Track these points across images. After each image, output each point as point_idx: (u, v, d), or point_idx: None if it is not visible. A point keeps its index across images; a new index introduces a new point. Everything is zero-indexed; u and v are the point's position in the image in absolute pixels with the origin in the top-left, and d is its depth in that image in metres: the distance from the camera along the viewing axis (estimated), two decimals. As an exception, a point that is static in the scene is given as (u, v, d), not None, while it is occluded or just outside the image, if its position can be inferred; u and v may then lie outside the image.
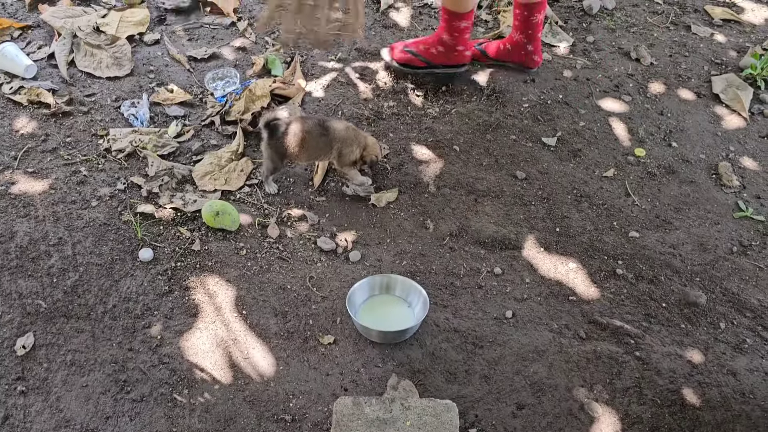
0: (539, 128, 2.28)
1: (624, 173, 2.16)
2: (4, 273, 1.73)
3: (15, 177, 1.97)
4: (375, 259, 1.85)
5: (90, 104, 2.22)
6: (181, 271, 1.77)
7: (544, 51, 2.60)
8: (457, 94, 2.39)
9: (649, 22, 2.82)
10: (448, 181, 2.08)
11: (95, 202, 1.92)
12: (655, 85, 2.51)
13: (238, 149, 2.06)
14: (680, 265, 1.90)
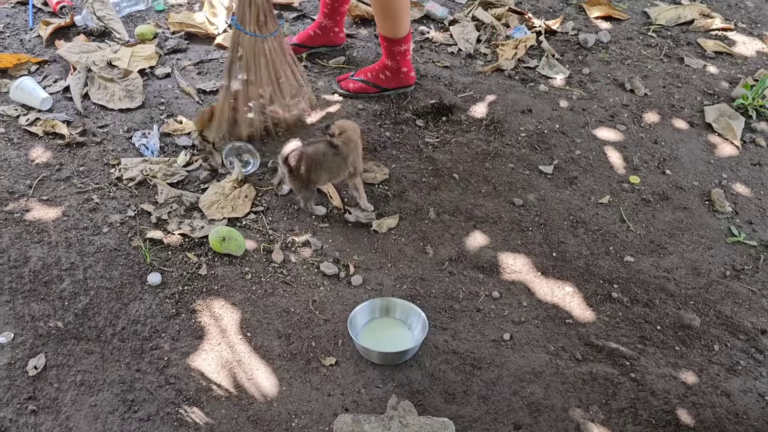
0: (536, 157, 2.35)
1: (619, 200, 2.22)
2: (18, 296, 1.79)
3: (30, 204, 2.04)
4: (376, 283, 1.90)
5: (102, 135, 2.31)
6: (188, 294, 1.83)
7: (541, 83, 2.69)
8: (457, 124, 2.47)
9: (643, 55, 2.91)
10: (447, 207, 2.14)
11: (106, 228, 1.99)
12: (649, 115, 2.58)
13: (239, 177, 2.13)
14: (674, 289, 1.94)
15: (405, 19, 2.34)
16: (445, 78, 2.68)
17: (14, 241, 1.93)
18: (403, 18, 2.33)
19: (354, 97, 2.52)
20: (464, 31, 2.93)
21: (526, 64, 2.79)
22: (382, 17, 2.35)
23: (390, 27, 2.34)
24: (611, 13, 3.16)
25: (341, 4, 2.60)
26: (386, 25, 2.35)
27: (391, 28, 2.34)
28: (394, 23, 2.33)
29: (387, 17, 2.33)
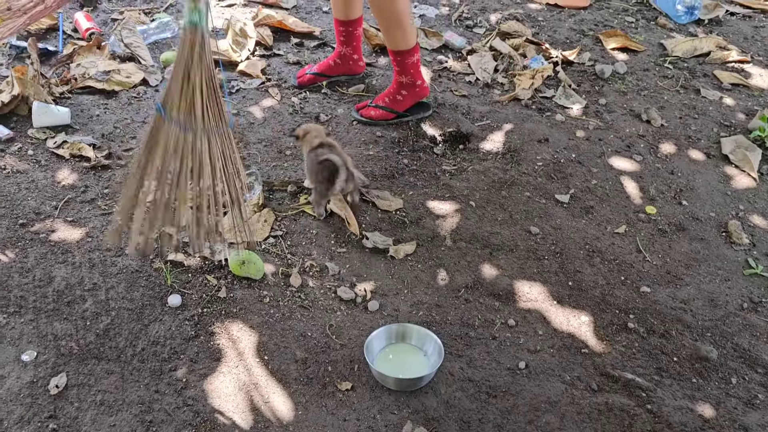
0: (553, 186, 2.37)
1: (635, 230, 2.23)
2: (42, 316, 1.82)
3: (55, 225, 2.09)
4: (392, 309, 1.92)
5: (127, 158, 2.36)
6: (207, 316, 1.86)
7: (557, 112, 2.72)
8: (474, 152, 2.50)
9: (660, 86, 2.94)
10: (464, 235, 2.16)
11: (130, 250, 2.03)
12: (665, 146, 2.60)
13: (259, 201, 2.17)
14: (691, 320, 1.94)
15: (410, 27, 2.42)
16: (462, 107, 2.72)
17: (39, 261, 1.98)
18: (408, 26, 2.40)
19: (373, 124, 2.56)
20: (482, 61, 2.97)
21: (543, 93, 2.82)
22: (388, 29, 2.42)
23: (400, 38, 2.41)
24: (627, 45, 3.19)
25: (354, 28, 2.66)
26: (395, 37, 2.42)
27: (400, 38, 2.41)
28: (402, 33, 2.40)
29: (393, 28, 2.39)
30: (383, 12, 2.37)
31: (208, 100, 1.60)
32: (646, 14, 3.52)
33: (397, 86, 2.54)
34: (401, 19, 2.36)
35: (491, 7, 3.47)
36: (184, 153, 1.62)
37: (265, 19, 3.12)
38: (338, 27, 2.65)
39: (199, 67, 1.57)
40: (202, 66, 1.57)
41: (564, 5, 3.53)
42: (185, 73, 1.57)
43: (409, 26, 2.42)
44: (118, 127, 2.50)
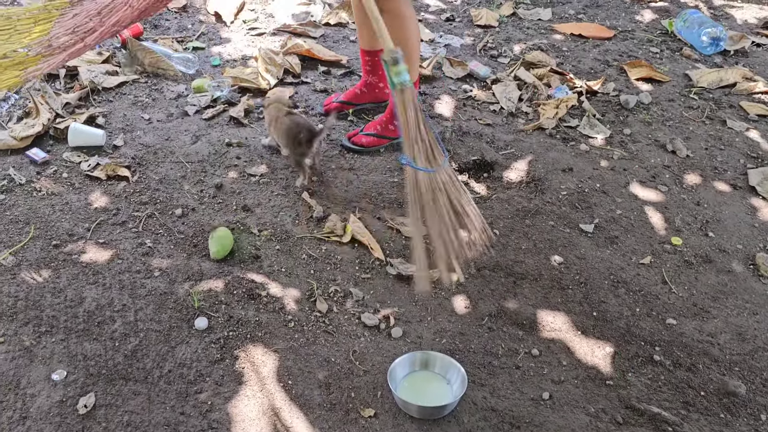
0: (577, 215, 2.37)
1: (661, 261, 2.22)
2: (72, 336, 1.86)
3: (87, 247, 2.14)
4: (416, 336, 1.92)
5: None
6: (233, 340, 1.88)
7: (582, 142, 2.73)
8: (498, 181, 2.52)
9: (685, 117, 2.94)
10: (487, 263, 2.16)
11: (158, 272, 2.07)
12: (691, 177, 2.59)
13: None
14: (719, 354, 1.92)
15: (416, 64, 2.50)
16: (487, 135, 2.74)
17: (71, 282, 2.02)
18: (415, 62, 2.48)
19: (366, 152, 2.59)
20: (506, 90, 3.00)
21: (568, 123, 2.84)
22: None
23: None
24: (652, 75, 3.20)
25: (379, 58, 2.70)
26: None
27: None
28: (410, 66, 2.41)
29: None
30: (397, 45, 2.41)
31: (432, 143, 1.86)
32: (671, 45, 3.53)
33: (391, 116, 2.61)
34: (409, 55, 2.40)
35: (516, 37, 3.51)
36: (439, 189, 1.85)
37: (293, 48, 3.19)
38: (364, 57, 2.70)
39: (421, 118, 1.83)
40: (419, 116, 1.83)
41: (588, 36, 3.55)
42: (417, 126, 1.82)
43: (416, 63, 2.49)
44: (150, 148, 2.57)
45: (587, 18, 3.77)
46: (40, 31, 1.87)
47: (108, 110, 2.79)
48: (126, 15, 1.68)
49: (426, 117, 1.87)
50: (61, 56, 1.71)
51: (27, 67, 1.74)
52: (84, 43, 1.72)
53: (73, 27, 1.80)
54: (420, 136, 1.84)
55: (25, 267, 2.06)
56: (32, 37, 1.86)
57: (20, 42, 1.85)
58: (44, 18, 1.91)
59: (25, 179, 2.39)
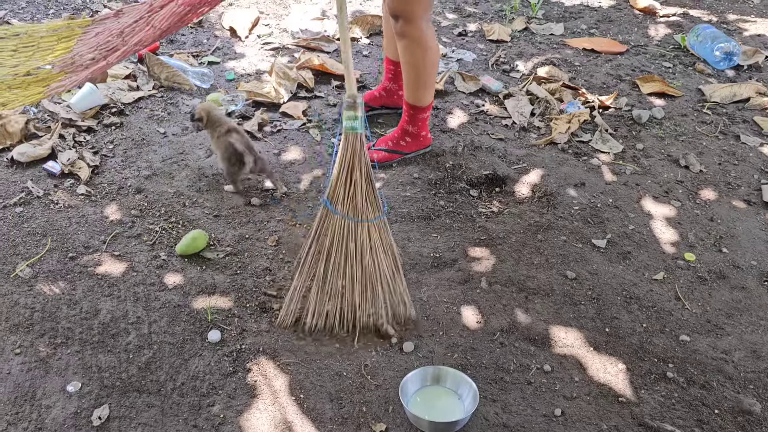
0: (589, 230, 2.37)
1: (674, 277, 2.21)
2: (87, 347, 1.88)
3: (102, 259, 2.17)
4: (427, 351, 1.93)
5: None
6: (246, 353, 1.89)
7: (594, 157, 2.73)
8: (510, 195, 2.52)
9: (698, 132, 2.93)
10: (499, 278, 2.17)
11: (171, 284, 2.09)
12: (704, 192, 2.58)
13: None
14: (733, 372, 1.90)
15: (432, 87, 2.54)
16: (499, 150, 2.75)
17: (86, 294, 2.05)
18: (431, 86, 2.53)
19: (381, 166, 2.63)
20: (518, 105, 3.02)
21: (580, 138, 2.84)
22: (412, 85, 2.52)
23: (421, 95, 2.53)
24: (665, 90, 3.20)
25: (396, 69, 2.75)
26: (417, 93, 2.53)
27: (421, 96, 2.54)
28: (425, 91, 2.53)
29: (418, 85, 2.50)
30: (412, 68, 2.46)
31: (367, 194, 1.85)
32: (684, 60, 3.53)
33: (402, 133, 2.64)
34: (428, 79, 2.48)
35: (528, 52, 3.52)
36: (349, 239, 1.87)
37: (307, 62, 3.22)
38: (388, 65, 2.79)
39: (359, 167, 1.83)
40: (362, 165, 1.84)
41: (600, 50, 3.56)
42: (348, 172, 1.83)
43: (432, 86, 2.53)
44: (166, 161, 2.60)
45: (599, 33, 3.78)
46: (63, 48, 1.90)
47: (125, 122, 2.83)
48: (148, 35, 1.71)
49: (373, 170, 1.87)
50: (83, 73, 1.74)
51: (50, 83, 1.77)
52: (107, 61, 1.75)
53: (96, 45, 1.83)
54: (349, 183, 1.83)
55: (42, 279, 2.09)
56: (55, 54, 1.89)
57: (43, 59, 1.89)
58: (67, 36, 1.95)
59: (42, 192, 2.43)
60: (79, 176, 2.50)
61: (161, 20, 1.71)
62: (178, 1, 1.73)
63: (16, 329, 1.92)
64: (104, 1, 3.80)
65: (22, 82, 1.78)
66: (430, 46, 2.40)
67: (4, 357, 1.85)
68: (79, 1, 3.78)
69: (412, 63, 2.45)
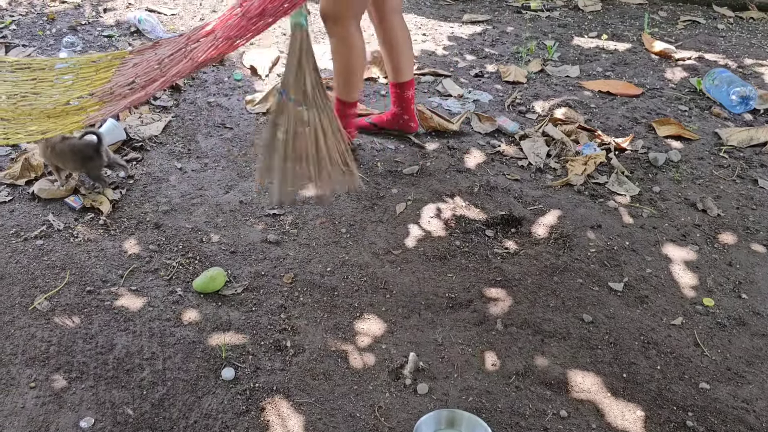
0: (606, 273, 2.36)
1: (692, 322, 2.18)
2: (101, 383, 1.89)
3: (119, 293, 2.18)
4: (442, 393, 1.91)
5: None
6: (259, 392, 1.88)
7: (610, 199, 2.73)
8: (526, 236, 2.52)
9: (715, 175, 2.92)
10: (515, 320, 2.15)
11: (187, 320, 2.09)
12: (722, 236, 2.56)
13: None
14: (754, 422, 1.86)
15: (359, 85, 2.74)
16: (515, 190, 2.76)
17: (102, 328, 2.06)
18: (358, 84, 2.73)
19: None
20: (534, 146, 3.03)
21: (596, 180, 2.84)
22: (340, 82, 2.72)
23: (347, 91, 2.72)
24: (681, 133, 3.21)
25: (403, 91, 2.91)
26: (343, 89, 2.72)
27: (347, 92, 2.73)
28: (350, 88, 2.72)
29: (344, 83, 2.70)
30: (340, 66, 2.67)
31: (316, 83, 2.00)
32: (700, 103, 3.54)
33: None
34: (353, 77, 2.69)
35: (544, 93, 3.56)
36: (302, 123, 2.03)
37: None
38: (392, 89, 2.94)
39: (306, 59, 1.96)
40: (309, 58, 1.97)
41: (616, 93, 3.59)
42: (298, 64, 1.97)
43: (358, 83, 2.73)
44: (184, 197, 2.63)
45: (615, 75, 3.81)
46: (102, 78, 1.96)
47: (145, 158, 2.88)
48: (186, 66, 1.76)
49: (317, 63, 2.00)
50: (121, 103, 1.79)
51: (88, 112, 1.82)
52: (145, 92, 1.80)
53: (134, 75, 1.89)
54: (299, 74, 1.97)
55: (59, 312, 2.11)
56: (94, 84, 1.95)
57: (83, 89, 1.95)
58: (105, 66, 2.02)
59: (63, 225, 2.46)
60: (100, 210, 2.53)
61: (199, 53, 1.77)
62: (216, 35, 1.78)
63: (32, 362, 1.93)
64: (129, 40, 3.90)
65: (62, 111, 1.83)
66: (356, 46, 2.58)
67: (19, 390, 1.85)
68: (105, 40, 3.88)
69: (340, 61, 2.66)
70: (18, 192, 2.64)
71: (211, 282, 2.18)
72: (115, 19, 4.14)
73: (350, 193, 2.39)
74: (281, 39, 4.12)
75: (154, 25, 3.94)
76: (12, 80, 2.10)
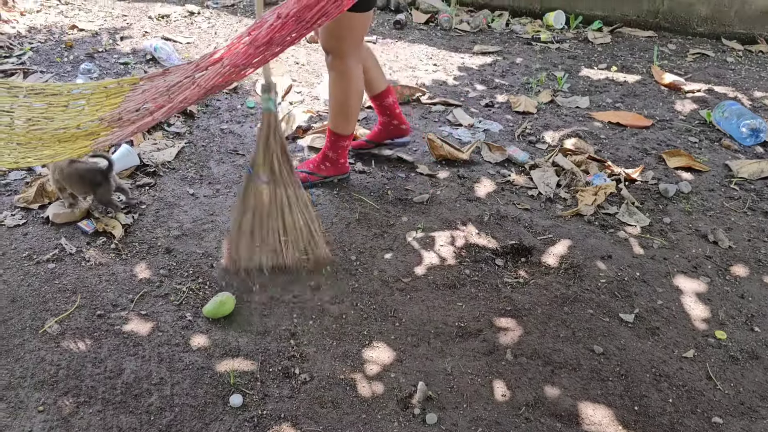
0: (616, 304, 2.34)
1: (704, 355, 2.16)
2: (109, 407, 1.88)
3: (129, 317, 2.19)
4: (450, 424, 1.89)
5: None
6: (267, 419, 1.87)
7: (620, 229, 2.73)
8: (536, 266, 2.51)
9: (726, 207, 2.92)
10: (525, 350, 2.14)
11: (196, 346, 2.09)
12: (734, 268, 2.55)
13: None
14: (769, 458, 1.83)
15: (353, 118, 2.77)
16: (525, 220, 2.76)
17: (111, 353, 2.06)
18: (352, 117, 2.75)
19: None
20: (544, 176, 3.04)
21: (606, 210, 2.85)
22: (336, 115, 2.75)
23: (341, 123, 2.76)
24: (691, 164, 3.21)
25: (381, 101, 2.97)
26: (338, 121, 2.76)
27: (342, 124, 2.76)
28: (345, 121, 2.76)
29: (340, 114, 2.74)
30: (337, 99, 2.71)
31: (283, 161, 2.16)
32: (710, 135, 3.55)
33: (323, 158, 2.87)
34: (350, 110, 2.74)
35: (554, 124, 3.58)
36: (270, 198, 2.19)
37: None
38: (373, 102, 3.00)
39: (274, 139, 2.13)
40: (277, 138, 2.14)
41: (626, 124, 3.60)
42: (266, 144, 2.13)
43: (353, 117, 2.76)
44: (195, 223, 2.65)
45: (624, 106, 3.83)
46: (112, 104, 2.00)
47: (158, 183, 2.91)
48: (193, 93, 1.79)
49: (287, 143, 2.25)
50: (130, 128, 1.82)
51: (97, 137, 1.85)
52: (152, 117, 1.83)
53: (142, 101, 1.92)
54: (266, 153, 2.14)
55: (69, 336, 2.11)
56: (104, 109, 1.99)
57: (92, 114, 1.98)
58: (115, 92, 2.05)
59: (75, 249, 2.48)
60: (112, 234, 2.56)
61: (206, 80, 1.79)
62: (224, 62, 1.81)
63: (41, 386, 1.93)
64: (145, 68, 3.97)
65: (72, 135, 1.86)
66: (355, 81, 2.65)
67: (27, 414, 1.85)
68: (121, 67, 3.95)
69: (337, 95, 2.71)
70: (32, 216, 2.66)
71: (221, 307, 2.19)
72: (131, 47, 4.22)
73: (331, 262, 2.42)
74: (294, 68, 4.18)
75: (169, 53, 4.02)
76: (26, 105, 2.14)
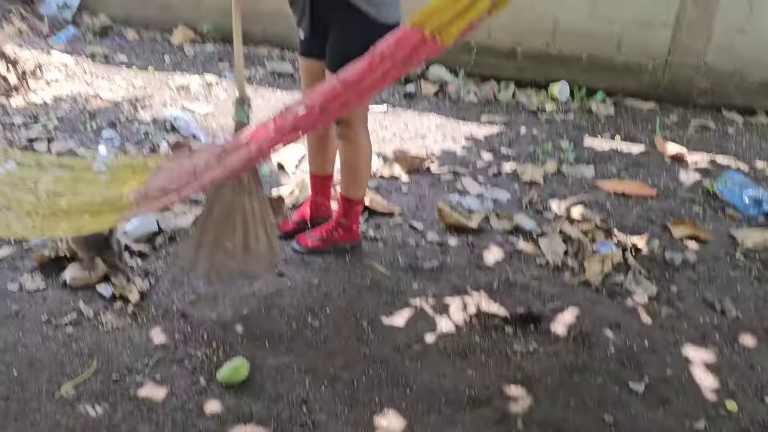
0: (626, 373, 2.36)
1: (716, 426, 2.16)
2: (123, 473, 1.89)
3: (144, 382, 2.22)
4: (462, 494, 1.88)
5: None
6: (278, 487, 1.88)
7: (628, 298, 2.77)
8: (545, 334, 2.54)
9: (732, 276, 2.96)
10: (536, 418, 2.14)
11: (209, 412, 2.11)
12: (743, 338, 2.57)
13: None
14: None
15: (365, 184, 2.88)
16: (533, 288, 2.81)
17: (126, 417, 2.08)
18: (365, 183, 2.86)
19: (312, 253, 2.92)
20: (552, 244, 3.10)
21: (613, 279, 2.89)
22: (348, 182, 2.83)
23: (354, 191, 2.85)
24: (696, 234, 3.27)
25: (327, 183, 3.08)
26: (353, 189, 2.84)
27: (355, 191, 2.85)
28: (359, 188, 2.85)
29: (353, 182, 2.83)
30: (349, 167, 2.79)
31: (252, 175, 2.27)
32: (713, 205, 3.62)
33: (336, 225, 2.92)
34: (361, 177, 2.83)
35: (560, 193, 3.67)
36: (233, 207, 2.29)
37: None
38: (313, 179, 3.08)
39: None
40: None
41: (631, 194, 3.69)
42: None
43: (365, 182, 2.86)
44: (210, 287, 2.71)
45: (629, 176, 3.93)
46: (138, 181, 2.10)
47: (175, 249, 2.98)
48: (218, 173, 1.89)
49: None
50: (155, 204, 1.91)
51: (123, 212, 1.94)
52: (178, 195, 1.93)
53: (168, 180, 2.02)
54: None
55: (85, 400, 2.14)
56: (131, 185, 2.09)
57: (119, 189, 2.08)
58: (142, 169, 2.16)
59: (92, 313, 2.53)
60: (128, 299, 2.61)
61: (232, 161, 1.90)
62: (250, 147, 1.92)
63: (56, 451, 1.95)
64: (164, 135, 4.13)
65: (99, 210, 1.95)
66: (364, 147, 2.75)
67: (42, 479, 1.87)
68: (142, 135, 4.11)
69: (349, 162, 2.79)
70: (51, 280, 2.73)
71: (235, 373, 2.22)
72: (151, 116, 4.39)
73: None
74: (307, 137, 4.32)
75: (188, 123, 4.18)
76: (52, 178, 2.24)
